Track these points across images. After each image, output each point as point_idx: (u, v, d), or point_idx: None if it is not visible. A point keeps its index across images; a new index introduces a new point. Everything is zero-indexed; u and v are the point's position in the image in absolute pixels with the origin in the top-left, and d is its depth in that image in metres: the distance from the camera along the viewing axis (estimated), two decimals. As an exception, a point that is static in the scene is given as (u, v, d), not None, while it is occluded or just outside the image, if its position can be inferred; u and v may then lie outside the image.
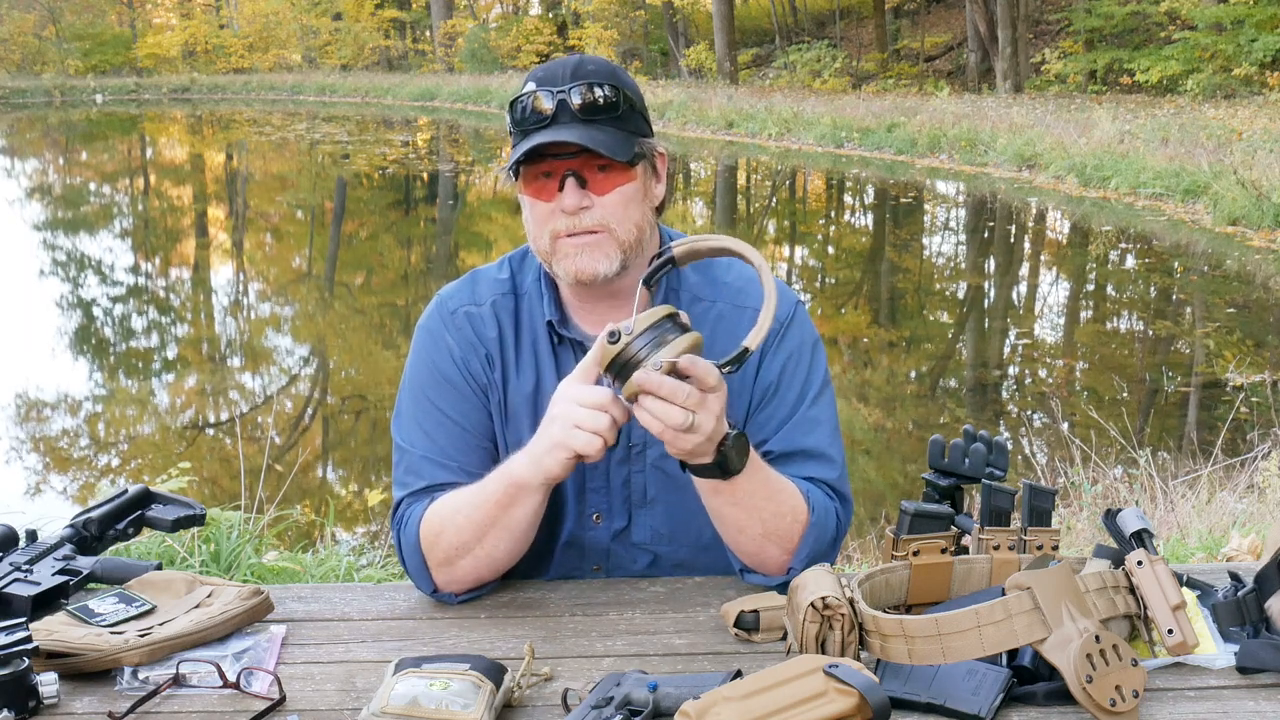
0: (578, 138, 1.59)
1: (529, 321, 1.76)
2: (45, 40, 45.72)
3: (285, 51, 47.03)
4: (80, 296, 12.04)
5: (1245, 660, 1.41)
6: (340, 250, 14.90)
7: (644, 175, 1.68)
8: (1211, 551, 3.64)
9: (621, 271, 1.66)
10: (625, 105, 1.63)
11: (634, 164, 1.65)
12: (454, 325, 1.76)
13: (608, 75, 1.64)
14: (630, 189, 1.65)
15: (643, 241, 1.68)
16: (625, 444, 1.71)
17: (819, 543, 1.66)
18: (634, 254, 1.67)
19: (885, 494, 5.82)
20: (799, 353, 1.74)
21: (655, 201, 1.72)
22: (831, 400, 1.78)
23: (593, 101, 1.61)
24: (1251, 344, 8.41)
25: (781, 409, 1.72)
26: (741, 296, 1.75)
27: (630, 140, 1.64)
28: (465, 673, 1.33)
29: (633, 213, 1.65)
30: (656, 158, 1.70)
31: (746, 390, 1.73)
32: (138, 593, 1.56)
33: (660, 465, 1.72)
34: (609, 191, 1.63)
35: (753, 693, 1.24)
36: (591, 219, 1.63)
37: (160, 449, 7.01)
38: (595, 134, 1.60)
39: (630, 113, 1.65)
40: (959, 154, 18.07)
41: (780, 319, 1.73)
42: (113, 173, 23.96)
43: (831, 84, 29.46)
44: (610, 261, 1.64)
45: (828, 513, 1.68)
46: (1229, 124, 16.33)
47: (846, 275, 12.87)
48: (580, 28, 38.11)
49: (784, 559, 1.65)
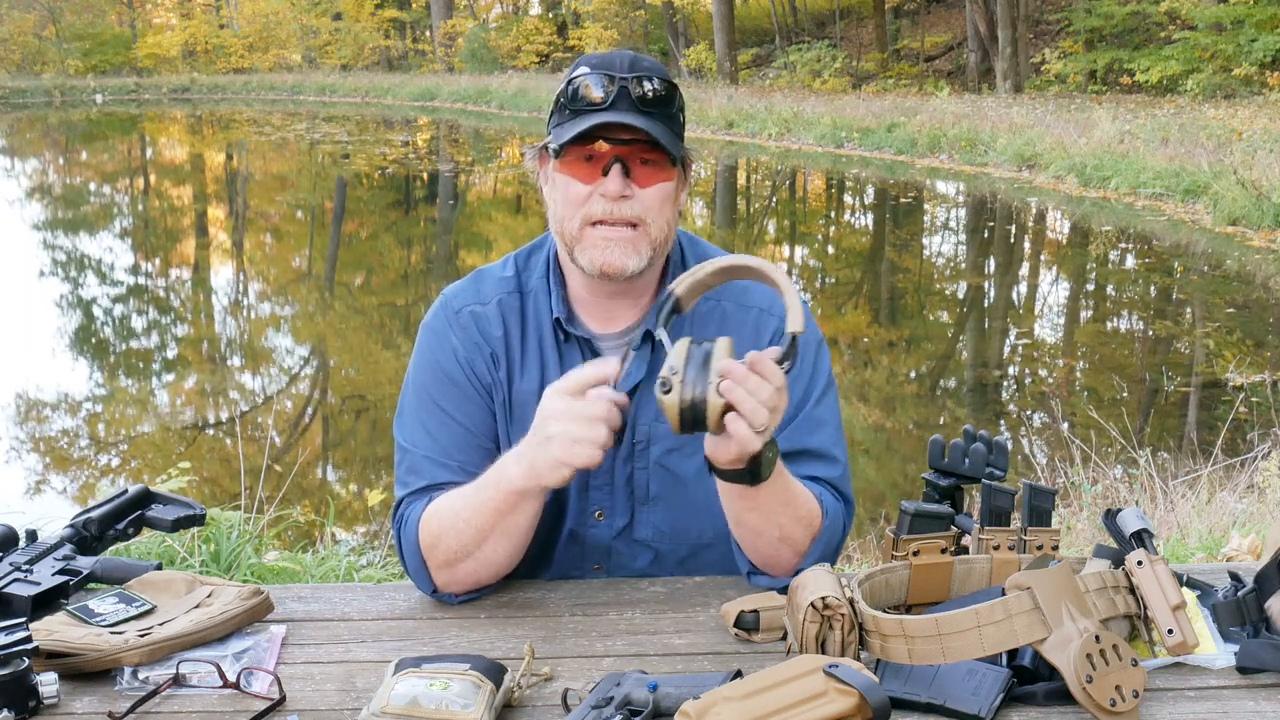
0: (642, 124, 1.60)
1: (534, 319, 1.76)
2: (45, 40, 45.71)
3: (285, 51, 47.02)
4: (80, 296, 12.04)
5: (1245, 660, 1.41)
6: (340, 250, 14.90)
7: (679, 176, 1.70)
8: (1211, 551, 3.64)
9: (647, 269, 1.68)
10: (678, 104, 1.67)
11: (675, 164, 1.66)
12: (459, 325, 1.76)
13: (663, 73, 1.67)
14: (669, 187, 1.67)
15: (667, 242, 1.70)
16: (629, 441, 1.71)
17: (829, 545, 1.67)
18: (659, 253, 1.69)
19: (885, 494, 5.82)
20: (804, 352, 1.74)
21: (681, 206, 1.73)
22: (835, 400, 1.79)
23: (653, 93, 1.63)
24: (1251, 344, 8.41)
25: (788, 409, 1.72)
26: (747, 296, 1.76)
27: (679, 139, 1.67)
28: (465, 673, 1.33)
29: (667, 211, 1.67)
30: (688, 165, 1.72)
31: None
32: (138, 593, 1.56)
33: (663, 462, 1.72)
34: (651, 185, 1.64)
35: (753, 693, 1.24)
36: (631, 210, 1.64)
37: (160, 449, 7.00)
38: (653, 125, 1.62)
39: (679, 113, 1.68)
40: (959, 154, 18.06)
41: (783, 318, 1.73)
42: (113, 173, 23.95)
43: (831, 84, 29.46)
44: (640, 258, 1.66)
45: (836, 513, 1.69)
46: (1229, 124, 16.33)
47: (846, 275, 12.87)
48: (580, 28, 38.13)
49: (794, 560, 1.65)
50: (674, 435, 1.62)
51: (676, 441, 1.69)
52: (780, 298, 1.51)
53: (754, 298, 1.76)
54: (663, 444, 1.71)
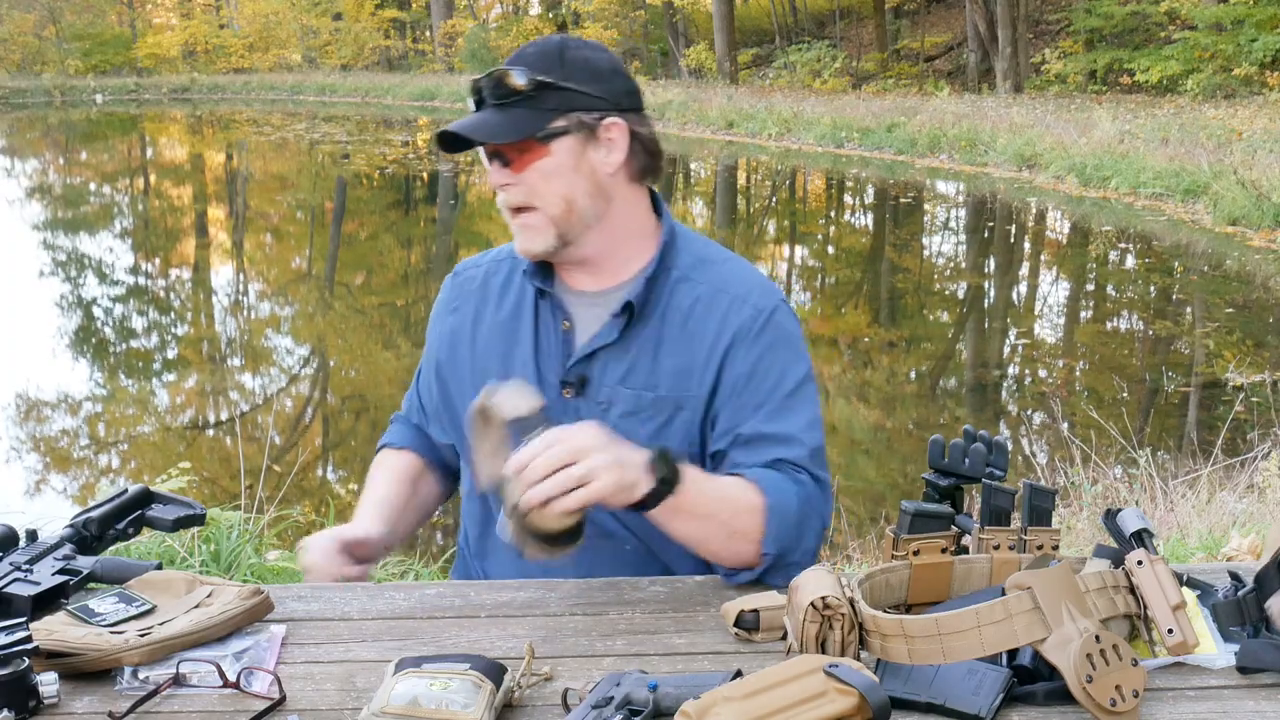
0: (469, 125, 1.68)
1: (520, 280, 1.85)
2: (45, 40, 45.69)
3: (285, 51, 47.00)
4: (80, 296, 12.04)
5: (1245, 660, 1.41)
6: (340, 250, 14.89)
7: (574, 148, 1.70)
8: (1211, 551, 3.65)
9: (567, 246, 1.74)
10: (535, 87, 1.68)
11: (547, 140, 1.68)
12: (453, 284, 1.94)
13: (534, 58, 1.71)
14: (548, 164, 1.69)
15: (581, 213, 1.72)
16: (595, 401, 1.75)
17: (783, 523, 1.66)
18: (572, 225, 1.72)
19: (885, 494, 5.82)
20: (776, 345, 1.75)
21: (609, 169, 1.73)
22: (812, 397, 1.78)
23: (502, 87, 1.69)
24: (1251, 344, 8.41)
25: (754, 397, 1.73)
26: (723, 281, 1.78)
27: (540, 118, 1.68)
28: (465, 673, 1.33)
29: (555, 186, 1.70)
30: (603, 128, 1.71)
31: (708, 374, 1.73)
32: (138, 592, 1.56)
33: (620, 426, 1.71)
34: (526, 168, 1.70)
35: (753, 693, 1.24)
36: (516, 196, 1.72)
37: (160, 449, 7.01)
38: (496, 118, 1.68)
39: (547, 92, 1.69)
40: (959, 154, 18.07)
41: (762, 309, 1.76)
42: (113, 172, 23.95)
43: (831, 84, 29.45)
44: (544, 238, 1.73)
45: (782, 491, 1.67)
46: (1229, 124, 16.34)
47: (846, 275, 12.87)
48: (580, 28, 38.10)
49: (754, 549, 1.66)
50: (634, 400, 1.73)
51: (635, 406, 1.73)
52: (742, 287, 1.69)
53: (733, 285, 1.77)
54: (621, 407, 1.75)
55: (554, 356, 1.78)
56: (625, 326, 1.74)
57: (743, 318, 1.75)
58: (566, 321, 1.79)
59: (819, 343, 9.18)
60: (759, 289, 1.80)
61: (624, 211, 1.77)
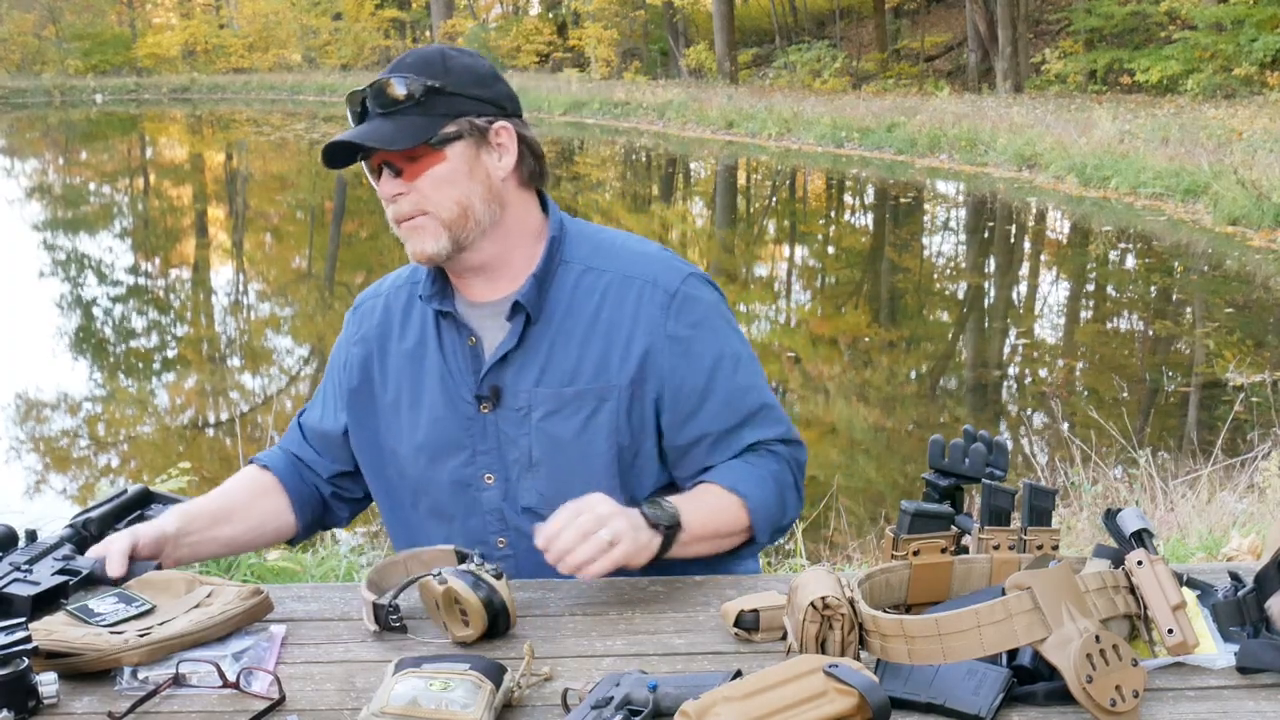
0: (359, 135, 1.67)
1: (420, 304, 1.84)
2: (45, 40, 45.67)
3: (285, 51, 46.98)
4: (80, 296, 12.05)
5: (1245, 660, 1.41)
6: (340, 250, 14.90)
7: (467, 153, 1.71)
8: (1211, 551, 3.64)
9: (461, 251, 1.73)
10: (424, 93, 1.68)
11: (441, 146, 1.68)
12: (354, 318, 1.94)
13: (416, 65, 1.70)
14: (442, 170, 1.69)
15: (476, 219, 1.72)
16: (513, 408, 1.76)
17: (766, 511, 1.76)
18: (467, 231, 1.72)
19: (885, 494, 5.82)
20: (700, 325, 1.77)
21: (502, 173, 1.74)
22: (751, 361, 1.82)
23: (386, 96, 1.68)
24: (1251, 344, 8.41)
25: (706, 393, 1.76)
26: (631, 266, 1.78)
27: (432, 124, 1.68)
28: (465, 673, 1.33)
29: (450, 192, 1.70)
30: (493, 132, 1.73)
31: (628, 363, 1.74)
32: (138, 593, 1.56)
33: (544, 426, 1.74)
34: (419, 176, 1.69)
35: (753, 693, 1.24)
36: (409, 204, 1.70)
37: (160, 449, 7.01)
38: (386, 126, 1.67)
39: (437, 98, 1.69)
40: (959, 154, 18.06)
41: (673, 290, 1.76)
42: (112, 172, 23.95)
43: (831, 84, 29.43)
44: (437, 242, 1.71)
45: (757, 481, 1.75)
46: (1229, 124, 16.32)
47: (847, 275, 12.87)
48: (580, 28, 38.11)
49: (746, 538, 1.77)
50: (554, 399, 1.74)
51: (556, 404, 1.74)
52: (648, 269, 1.72)
53: (640, 268, 1.77)
54: (543, 408, 1.75)
55: (464, 374, 1.78)
56: (524, 328, 1.75)
57: (657, 303, 1.75)
58: (472, 337, 1.78)
59: (819, 342, 9.19)
60: (664, 268, 1.79)
61: (517, 216, 1.77)
